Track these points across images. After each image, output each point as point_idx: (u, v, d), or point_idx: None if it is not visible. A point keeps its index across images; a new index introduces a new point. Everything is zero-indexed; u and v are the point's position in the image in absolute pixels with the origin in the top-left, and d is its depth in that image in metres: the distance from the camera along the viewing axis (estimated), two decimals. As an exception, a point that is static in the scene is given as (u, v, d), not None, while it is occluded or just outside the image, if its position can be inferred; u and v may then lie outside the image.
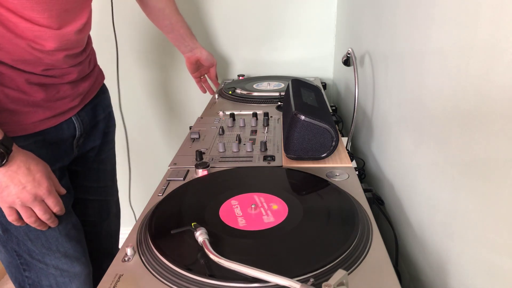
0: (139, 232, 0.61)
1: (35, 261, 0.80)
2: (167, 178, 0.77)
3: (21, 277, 0.82)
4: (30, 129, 0.75)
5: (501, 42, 0.41)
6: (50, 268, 0.81)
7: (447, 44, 0.54)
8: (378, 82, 0.92)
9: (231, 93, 1.25)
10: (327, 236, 0.56)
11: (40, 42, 0.71)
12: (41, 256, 0.80)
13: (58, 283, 0.83)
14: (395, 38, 0.78)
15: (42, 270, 0.81)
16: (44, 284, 0.83)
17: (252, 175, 0.76)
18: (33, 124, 0.75)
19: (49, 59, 0.74)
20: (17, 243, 0.77)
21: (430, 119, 0.61)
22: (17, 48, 0.69)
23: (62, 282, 0.83)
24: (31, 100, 0.74)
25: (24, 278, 0.82)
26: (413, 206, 0.69)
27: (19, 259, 0.80)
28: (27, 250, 0.78)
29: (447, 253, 0.56)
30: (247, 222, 0.60)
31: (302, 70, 1.54)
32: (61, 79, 0.79)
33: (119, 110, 1.60)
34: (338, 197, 0.66)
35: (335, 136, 0.78)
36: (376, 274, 0.50)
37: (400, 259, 0.76)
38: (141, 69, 1.56)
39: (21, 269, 0.81)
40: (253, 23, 1.48)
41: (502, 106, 0.41)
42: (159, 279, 0.51)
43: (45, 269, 0.81)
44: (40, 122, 0.76)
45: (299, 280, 0.45)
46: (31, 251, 0.79)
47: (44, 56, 0.73)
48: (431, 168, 0.61)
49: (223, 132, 0.97)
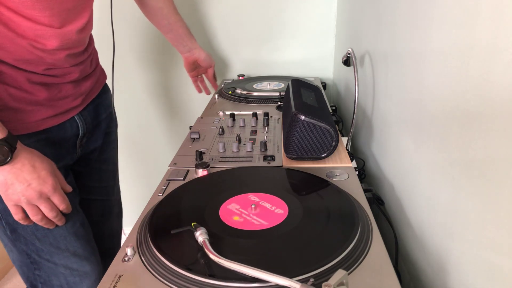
0: (139, 232, 0.61)
1: (43, 261, 0.80)
2: (167, 178, 0.77)
3: (33, 276, 0.82)
4: (33, 127, 0.75)
5: (501, 42, 0.41)
6: (60, 267, 0.81)
7: (447, 44, 0.54)
8: (378, 82, 0.92)
9: (231, 93, 1.25)
10: (327, 236, 0.56)
11: (42, 41, 0.71)
12: (50, 256, 0.80)
13: (68, 283, 0.83)
14: (395, 38, 0.78)
15: (52, 269, 0.81)
16: (54, 284, 0.83)
17: (252, 175, 0.76)
18: (36, 123, 0.75)
19: (51, 58, 0.74)
20: (25, 243, 0.77)
21: (430, 119, 0.61)
22: (19, 48, 0.69)
23: (72, 282, 0.83)
24: (33, 99, 0.74)
25: (36, 276, 0.82)
26: (413, 206, 0.69)
27: (29, 258, 0.80)
28: (35, 249, 0.78)
29: (447, 253, 0.56)
30: (247, 222, 0.60)
31: (302, 70, 1.54)
32: (62, 78, 0.79)
33: (117, 109, 1.61)
34: (338, 197, 0.66)
35: (335, 136, 0.78)
36: (376, 274, 0.50)
37: (400, 259, 0.76)
38: (141, 69, 1.56)
39: (32, 268, 0.81)
40: (253, 23, 1.48)
41: (502, 106, 0.41)
42: (159, 279, 0.51)
43: (54, 268, 0.81)
44: (42, 121, 0.76)
45: (299, 280, 0.45)
46: (39, 250, 0.79)
47: (46, 55, 0.73)
48: (431, 168, 0.61)
49: (223, 132, 0.97)
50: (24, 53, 0.70)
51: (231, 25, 1.49)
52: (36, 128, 0.76)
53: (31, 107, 0.74)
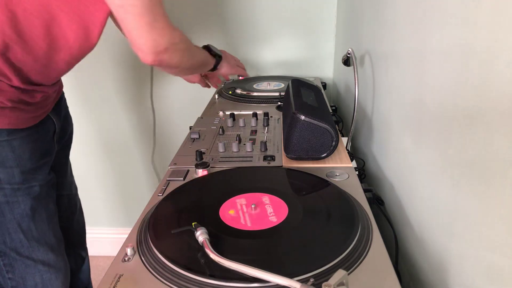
0: (139, 232, 0.61)
1: (23, 258, 0.81)
2: (167, 178, 0.77)
3: (3, 280, 0.83)
4: (21, 124, 0.78)
5: (501, 42, 0.41)
6: (38, 264, 0.83)
7: (447, 44, 0.54)
8: (378, 82, 0.92)
9: (231, 93, 1.25)
10: (327, 236, 0.56)
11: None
12: (30, 251, 0.82)
13: (43, 281, 0.84)
14: (395, 38, 0.78)
15: (29, 267, 0.83)
16: (29, 283, 0.84)
17: (252, 175, 0.76)
18: (28, 120, 0.79)
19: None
20: (9, 236, 0.79)
21: (430, 119, 0.61)
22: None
23: (48, 279, 0.85)
24: (29, 102, 0.78)
25: (7, 280, 0.83)
26: (413, 206, 0.69)
27: (2, 260, 0.81)
28: (16, 245, 0.80)
29: (447, 253, 0.56)
30: (247, 222, 0.60)
31: (302, 70, 1.54)
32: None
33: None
34: (338, 197, 0.66)
35: (335, 136, 0.78)
36: (376, 274, 0.50)
37: (400, 259, 0.76)
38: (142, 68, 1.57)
39: (3, 270, 0.82)
40: (253, 23, 1.48)
41: (502, 106, 0.41)
42: (159, 279, 0.51)
43: (32, 266, 0.83)
44: (32, 119, 0.80)
45: (299, 280, 0.45)
46: (21, 245, 0.81)
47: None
48: (431, 168, 0.61)
49: (223, 132, 0.97)
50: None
51: (231, 25, 1.49)
52: (24, 126, 0.79)
53: (24, 107, 0.78)
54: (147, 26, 0.70)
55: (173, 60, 0.79)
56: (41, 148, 0.83)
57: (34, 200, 0.80)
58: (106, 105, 1.62)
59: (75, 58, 0.80)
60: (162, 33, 0.73)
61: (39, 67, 0.76)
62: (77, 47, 0.77)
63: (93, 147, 1.71)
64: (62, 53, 0.76)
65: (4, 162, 0.75)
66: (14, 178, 0.77)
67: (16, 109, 0.75)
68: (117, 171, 1.77)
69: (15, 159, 0.76)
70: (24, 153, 0.78)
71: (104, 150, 1.73)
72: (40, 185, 0.82)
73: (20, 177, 0.78)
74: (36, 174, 0.81)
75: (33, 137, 0.80)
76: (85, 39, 0.76)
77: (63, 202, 1.04)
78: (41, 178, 0.82)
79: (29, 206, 0.79)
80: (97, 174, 1.77)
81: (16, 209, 0.78)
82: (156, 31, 0.72)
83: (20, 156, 0.77)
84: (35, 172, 0.81)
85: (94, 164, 1.75)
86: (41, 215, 0.82)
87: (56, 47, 0.75)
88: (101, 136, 1.69)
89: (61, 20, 0.72)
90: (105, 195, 1.82)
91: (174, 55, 0.78)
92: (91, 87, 1.59)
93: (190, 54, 0.88)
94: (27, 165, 0.79)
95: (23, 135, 0.78)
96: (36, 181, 0.81)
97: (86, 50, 0.79)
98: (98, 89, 1.59)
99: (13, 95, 0.74)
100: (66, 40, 0.75)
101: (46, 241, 0.83)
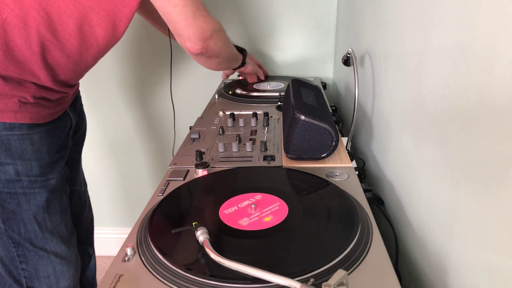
0: (139, 232, 0.61)
1: (36, 249, 0.83)
2: (167, 178, 0.77)
3: (16, 271, 0.84)
4: (41, 119, 0.80)
5: (501, 42, 0.41)
6: (51, 255, 0.85)
7: (447, 44, 0.54)
8: (378, 82, 0.92)
9: (231, 93, 1.25)
10: (327, 236, 0.56)
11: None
12: (44, 242, 0.83)
13: (56, 272, 0.86)
14: (395, 38, 0.78)
15: (42, 258, 0.84)
16: (41, 275, 0.85)
17: (252, 175, 0.76)
18: (48, 115, 0.81)
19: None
20: (24, 227, 0.80)
21: (430, 119, 0.61)
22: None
23: (60, 271, 0.86)
24: (49, 98, 0.81)
25: (20, 271, 0.84)
26: (413, 206, 0.69)
27: (16, 250, 0.82)
28: (30, 236, 0.82)
29: (447, 253, 0.56)
30: (247, 222, 0.60)
31: (302, 70, 1.54)
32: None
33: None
34: (338, 197, 0.66)
35: (335, 136, 0.78)
36: (376, 274, 0.50)
37: (400, 259, 0.76)
38: (141, 69, 1.56)
39: (17, 261, 0.83)
40: (253, 23, 1.48)
41: (502, 106, 0.41)
42: (159, 279, 0.51)
43: (45, 257, 0.84)
44: (52, 114, 0.83)
45: (299, 280, 0.45)
46: (35, 236, 0.82)
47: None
48: (431, 168, 0.61)
49: (223, 132, 0.97)
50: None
51: (231, 25, 1.49)
52: (45, 120, 0.81)
53: (46, 103, 0.82)
54: (193, 15, 0.76)
55: (217, 47, 0.85)
56: (58, 142, 0.85)
57: (50, 193, 0.83)
58: (111, 106, 1.63)
59: (102, 53, 0.84)
60: (207, 20, 0.79)
61: (70, 65, 0.79)
62: (105, 43, 0.80)
63: (97, 146, 1.72)
64: (91, 50, 0.80)
65: (23, 155, 0.77)
66: (32, 170, 0.79)
67: (37, 105, 0.78)
68: (122, 171, 1.78)
69: (34, 152, 0.79)
70: (42, 147, 0.80)
71: (109, 150, 1.73)
72: (56, 178, 0.84)
73: (38, 170, 0.80)
74: (52, 168, 0.83)
75: (52, 132, 0.83)
76: (112, 35, 0.80)
77: (75, 197, 1.06)
78: (57, 171, 0.84)
79: (44, 198, 0.81)
80: (103, 174, 1.78)
81: (33, 200, 0.80)
82: (201, 18, 0.78)
83: (39, 150, 0.79)
84: (52, 166, 0.83)
85: (100, 164, 1.76)
86: (55, 208, 0.84)
87: (87, 45, 0.78)
88: (107, 135, 1.70)
89: (91, 18, 0.75)
90: (109, 196, 1.82)
91: (218, 42, 0.85)
92: (92, 87, 1.59)
93: (229, 42, 0.95)
94: (45, 158, 0.81)
95: (43, 130, 0.80)
96: (52, 174, 0.83)
97: (112, 45, 0.83)
98: (101, 89, 1.60)
99: (36, 92, 0.77)
100: (96, 37, 0.78)
101: (59, 233, 0.85)
